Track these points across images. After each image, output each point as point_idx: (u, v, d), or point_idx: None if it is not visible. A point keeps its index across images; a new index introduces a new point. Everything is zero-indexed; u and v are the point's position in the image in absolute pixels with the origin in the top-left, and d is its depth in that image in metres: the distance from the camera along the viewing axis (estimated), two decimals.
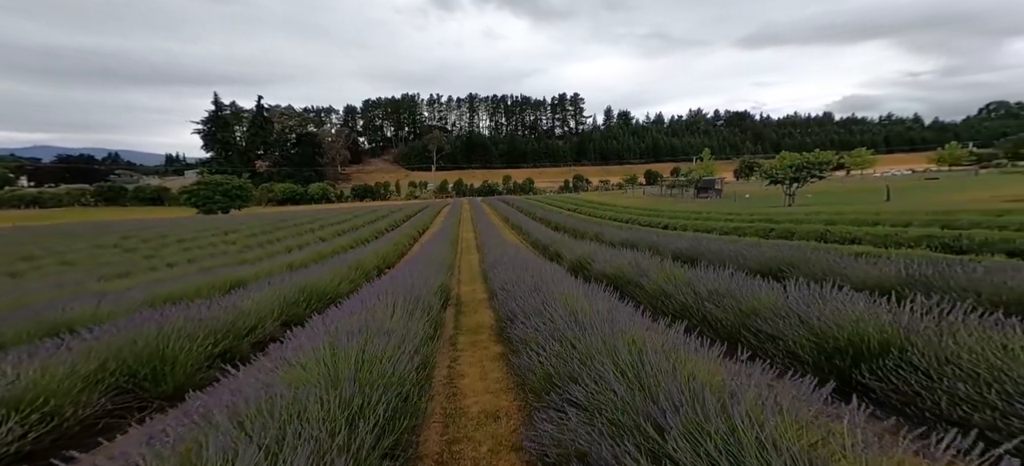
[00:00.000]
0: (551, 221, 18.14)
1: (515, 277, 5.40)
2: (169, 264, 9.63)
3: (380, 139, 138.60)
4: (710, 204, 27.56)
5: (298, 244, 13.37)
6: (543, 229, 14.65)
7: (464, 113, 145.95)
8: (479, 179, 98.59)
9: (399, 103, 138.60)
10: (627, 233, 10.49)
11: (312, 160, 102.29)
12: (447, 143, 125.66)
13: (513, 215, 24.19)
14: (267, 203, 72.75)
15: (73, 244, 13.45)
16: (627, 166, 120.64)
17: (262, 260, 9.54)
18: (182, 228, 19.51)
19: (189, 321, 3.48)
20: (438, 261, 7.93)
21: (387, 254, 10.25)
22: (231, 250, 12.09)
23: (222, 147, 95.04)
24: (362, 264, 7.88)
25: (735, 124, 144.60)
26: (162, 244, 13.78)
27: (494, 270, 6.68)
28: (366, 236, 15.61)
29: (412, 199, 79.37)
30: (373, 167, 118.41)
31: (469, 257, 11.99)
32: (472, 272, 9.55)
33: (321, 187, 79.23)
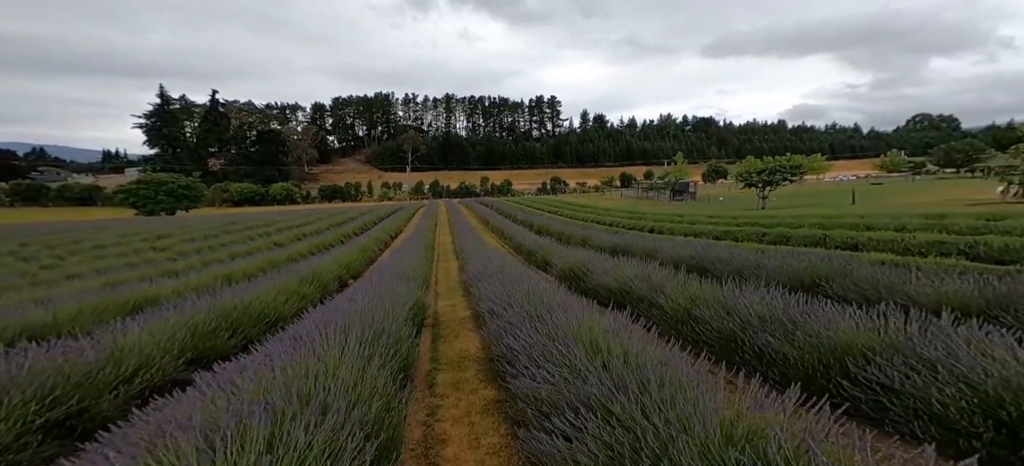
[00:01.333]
0: (533, 224, 17.33)
1: (504, 293, 4.44)
2: (70, 276, 7.72)
3: (351, 138, 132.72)
4: (687, 206, 28.03)
5: (247, 250, 11.58)
6: (526, 233, 13.78)
7: (441, 113, 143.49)
8: (456, 180, 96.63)
9: (372, 102, 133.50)
10: (617, 237, 9.83)
11: (275, 159, 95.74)
12: (423, 144, 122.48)
13: (493, 218, 23.17)
14: (222, 204, 66.78)
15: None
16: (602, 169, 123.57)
17: (194, 270, 7.89)
18: (105, 232, 16.71)
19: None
20: (411, 271, 6.78)
21: (352, 261, 8.91)
22: (158, 258, 10.14)
23: (169, 143, 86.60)
24: (319, 275, 6.58)
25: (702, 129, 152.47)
26: (73, 250, 11.45)
27: (478, 283, 5.68)
28: (330, 240, 13.97)
29: (385, 201, 76.10)
30: (343, 167, 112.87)
31: (447, 264, 10.85)
32: (451, 282, 8.46)
33: (284, 187, 74.04)
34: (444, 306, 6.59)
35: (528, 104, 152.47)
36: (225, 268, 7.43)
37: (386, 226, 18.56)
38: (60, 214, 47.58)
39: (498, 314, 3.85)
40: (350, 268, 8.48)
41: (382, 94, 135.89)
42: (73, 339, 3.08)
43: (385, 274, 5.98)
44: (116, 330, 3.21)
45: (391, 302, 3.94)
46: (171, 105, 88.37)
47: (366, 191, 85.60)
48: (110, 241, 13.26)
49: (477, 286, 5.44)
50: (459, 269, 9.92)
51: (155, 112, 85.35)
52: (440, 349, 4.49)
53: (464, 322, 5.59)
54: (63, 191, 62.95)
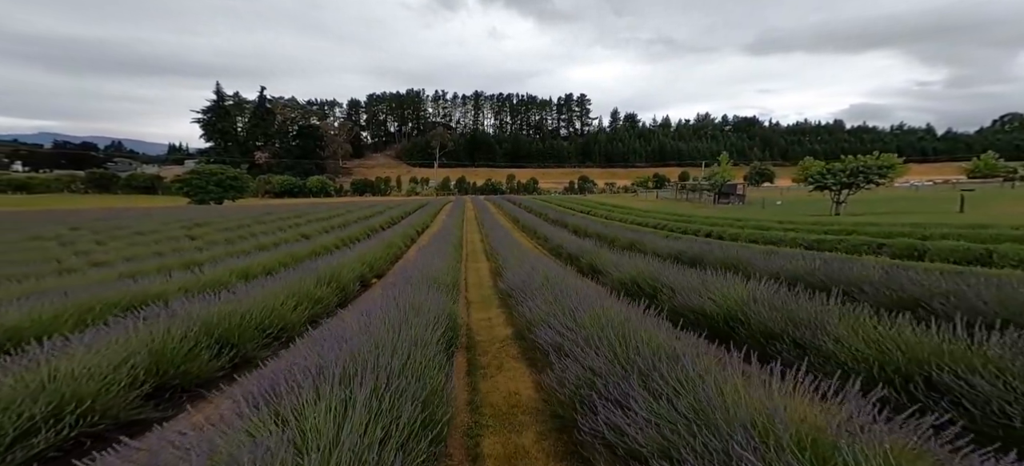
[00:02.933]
0: (568, 224, 15.98)
1: (564, 316, 3.27)
2: (97, 264, 7.49)
3: (383, 134, 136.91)
4: (738, 210, 25.28)
5: (274, 242, 11.23)
6: (562, 233, 12.48)
7: (469, 110, 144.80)
8: (482, 177, 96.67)
9: (403, 99, 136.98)
10: (677, 243, 8.31)
11: (313, 153, 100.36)
12: (451, 140, 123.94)
13: (522, 216, 22.02)
14: (264, 195, 70.75)
15: (4, 234, 11.33)
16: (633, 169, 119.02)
17: (216, 262, 7.41)
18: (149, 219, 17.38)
19: None
20: (439, 273, 5.78)
21: (376, 259, 8.10)
22: (187, 248, 9.94)
23: (222, 137, 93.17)
24: (338, 274, 5.74)
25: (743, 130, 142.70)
26: (113, 236, 11.65)
27: (526, 301, 4.54)
28: (356, 234, 13.46)
29: (413, 195, 77.40)
30: (375, 162, 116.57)
31: (477, 265, 9.84)
32: (484, 289, 7.40)
33: (320, 180, 77.22)
34: (479, 320, 5.52)
35: (557, 102, 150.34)
36: (244, 262, 6.84)
37: (413, 221, 17.98)
38: (125, 201, 52.35)
39: (567, 352, 2.68)
40: (373, 267, 7.67)
41: (413, 91, 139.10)
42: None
43: (411, 278, 4.98)
44: (63, 347, 2.37)
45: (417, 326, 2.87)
46: (225, 101, 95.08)
47: (395, 186, 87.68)
48: (150, 228, 13.54)
49: (525, 304, 4.30)
50: (491, 272, 8.86)
51: (211, 108, 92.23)
52: (480, 388, 3.39)
53: (506, 346, 4.47)
54: (130, 180, 69.41)
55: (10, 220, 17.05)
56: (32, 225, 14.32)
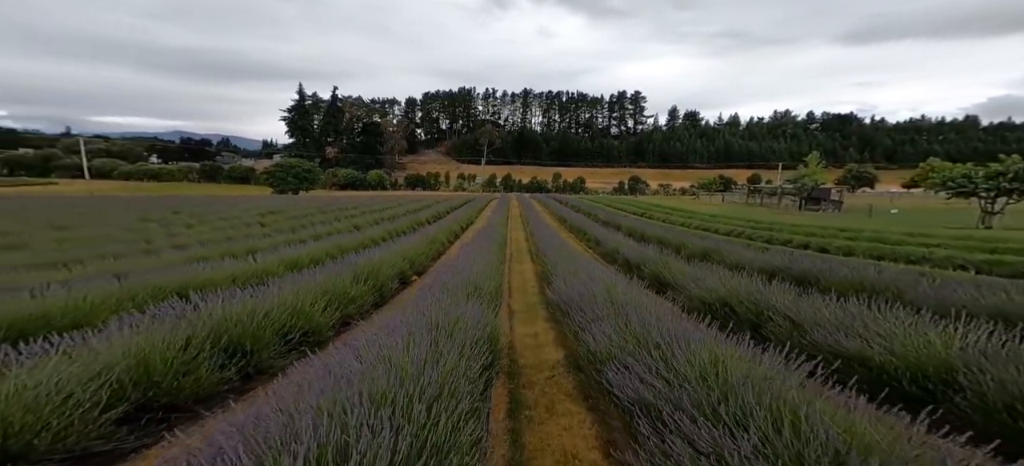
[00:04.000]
0: (622, 226, 14.49)
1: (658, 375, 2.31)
2: (177, 246, 8.20)
3: (436, 131, 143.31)
4: (833, 218, 21.08)
5: (328, 232, 11.67)
6: (617, 236, 11.16)
7: (517, 108, 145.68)
8: (528, 175, 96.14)
9: (455, 97, 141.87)
10: (770, 256, 6.61)
11: (373, 148, 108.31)
12: (498, 137, 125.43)
13: (570, 215, 20.81)
14: (330, 187, 78.12)
15: (121, 215, 13.34)
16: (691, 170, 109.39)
17: (275, 249, 7.67)
18: (235, 207, 19.61)
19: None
20: (480, 278, 5.10)
21: (417, 255, 7.76)
22: (255, 233, 10.70)
23: (301, 133, 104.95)
24: (377, 271, 5.37)
25: (835, 128, 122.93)
26: (201, 219, 13.11)
27: (577, 314, 3.63)
28: (403, 227, 13.57)
29: (460, 191, 79.60)
30: (427, 158, 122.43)
31: (521, 267, 9.08)
32: (528, 296, 6.60)
33: (378, 174, 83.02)
34: (523, 337, 4.73)
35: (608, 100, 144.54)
36: (295, 252, 6.90)
37: (458, 217, 17.88)
38: (225, 189, 61.43)
39: (666, 420, 1.75)
40: (414, 263, 7.32)
41: (464, 89, 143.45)
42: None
43: (449, 284, 4.34)
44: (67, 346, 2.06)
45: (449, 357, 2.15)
46: (305, 101, 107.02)
47: (444, 181, 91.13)
48: (233, 214, 15.11)
49: (586, 329, 3.39)
50: (537, 276, 8.03)
51: (294, 107, 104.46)
52: (525, 442, 2.58)
53: (557, 376, 3.62)
54: (231, 171, 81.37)
55: (135, 203, 20.50)
56: (148, 208, 16.95)
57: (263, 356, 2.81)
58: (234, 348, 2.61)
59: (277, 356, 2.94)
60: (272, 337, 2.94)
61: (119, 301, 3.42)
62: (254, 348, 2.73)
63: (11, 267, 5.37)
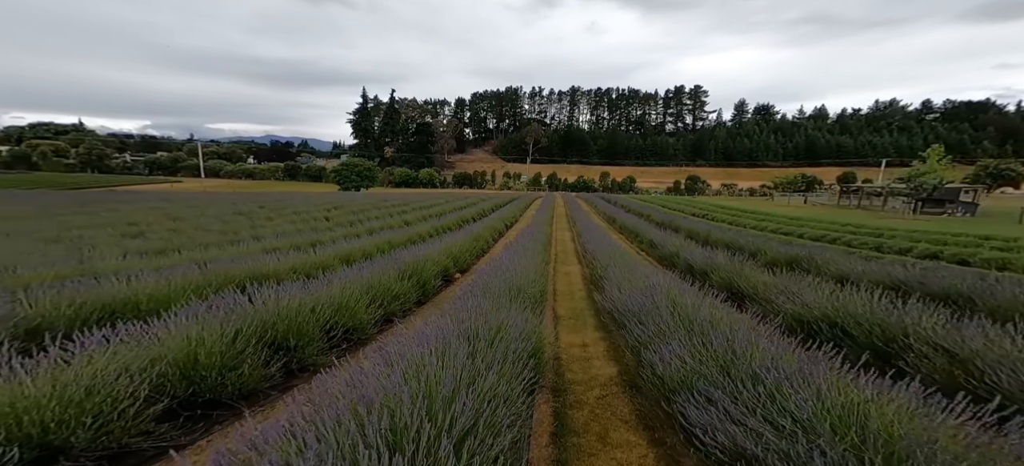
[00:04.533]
0: (680, 228, 13.10)
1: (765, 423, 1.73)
2: (256, 236, 9.17)
3: (483, 130, 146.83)
4: (966, 224, 16.72)
5: (381, 226, 12.29)
6: (675, 239, 10.03)
7: (564, 106, 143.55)
8: (574, 174, 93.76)
9: (502, 96, 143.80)
10: (891, 268, 5.22)
11: (425, 147, 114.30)
12: (544, 136, 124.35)
13: (619, 215, 19.54)
14: (387, 184, 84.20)
15: (219, 209, 15.55)
16: (762, 168, 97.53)
17: (333, 243, 8.20)
18: (307, 201, 21.84)
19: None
20: (524, 281, 4.76)
21: (462, 253, 7.69)
22: (321, 227, 11.66)
23: (364, 134, 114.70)
24: (421, 269, 5.33)
25: (962, 118, 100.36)
26: (279, 213, 14.73)
27: (637, 327, 3.09)
28: (449, 223, 13.81)
29: (505, 190, 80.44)
30: (474, 156, 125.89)
31: (566, 269, 8.56)
32: (574, 299, 6.11)
33: (429, 173, 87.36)
34: (570, 347, 4.29)
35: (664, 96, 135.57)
36: (348, 246, 7.25)
37: (503, 215, 17.80)
38: (301, 186, 69.51)
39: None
40: (458, 260, 7.24)
41: (511, 89, 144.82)
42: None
43: (492, 288, 4.07)
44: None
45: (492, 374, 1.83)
46: (368, 104, 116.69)
47: (490, 179, 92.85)
48: (304, 209, 16.81)
49: (653, 348, 2.87)
50: (585, 279, 7.47)
51: (358, 110, 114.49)
52: None
53: (610, 395, 3.15)
54: (307, 171, 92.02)
55: (232, 199, 23.96)
56: (241, 202, 19.65)
57: (306, 353, 2.79)
58: (279, 343, 2.61)
59: (320, 353, 2.91)
60: (316, 333, 2.92)
61: (198, 288, 3.75)
62: (298, 344, 2.72)
63: (128, 253, 6.36)
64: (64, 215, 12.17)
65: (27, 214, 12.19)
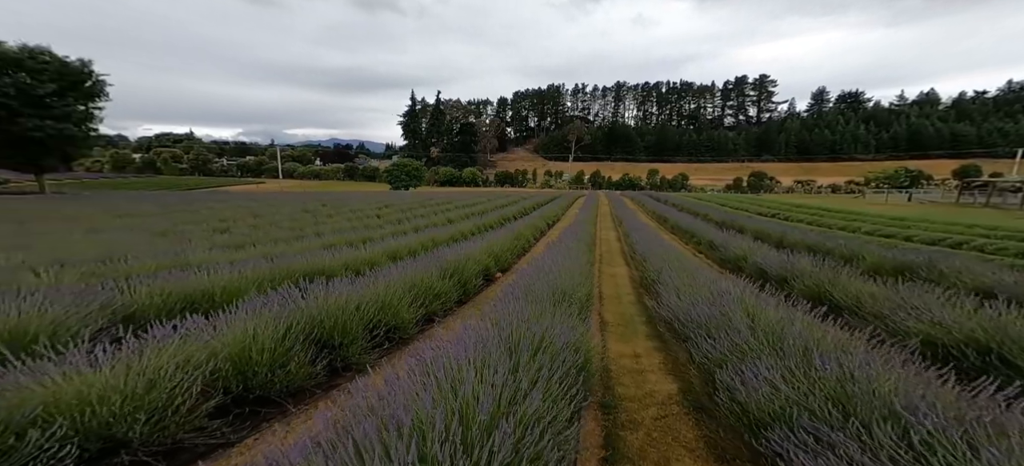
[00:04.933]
0: (745, 228, 11.60)
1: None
2: (318, 233, 9.96)
3: (524, 129, 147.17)
4: None
5: (425, 224, 12.71)
6: (743, 241, 8.84)
7: (608, 103, 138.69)
8: (619, 172, 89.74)
9: (544, 94, 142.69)
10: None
11: (469, 147, 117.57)
12: (587, 133, 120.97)
13: (671, 214, 18.05)
14: (433, 183, 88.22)
15: (290, 207, 17.38)
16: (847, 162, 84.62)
17: (382, 240, 8.62)
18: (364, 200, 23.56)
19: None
20: (568, 282, 4.43)
21: (503, 252, 7.56)
22: (373, 223, 12.38)
23: (413, 136, 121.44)
24: (462, 268, 5.27)
25: None
26: (338, 211, 16.03)
27: (723, 357, 2.62)
28: (491, 222, 13.85)
29: (547, 188, 79.71)
30: (515, 155, 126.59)
31: (613, 271, 7.99)
32: (623, 303, 5.62)
33: (472, 172, 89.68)
34: (620, 358, 3.89)
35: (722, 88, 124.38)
36: (395, 243, 7.50)
37: (545, 213, 17.44)
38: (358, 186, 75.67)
39: None
40: (499, 259, 7.11)
41: (553, 86, 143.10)
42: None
43: (534, 290, 3.83)
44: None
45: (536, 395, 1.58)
46: (416, 106, 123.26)
47: (531, 178, 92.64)
48: (359, 207, 18.13)
49: (731, 368, 2.41)
50: (633, 282, 6.90)
51: (407, 112, 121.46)
52: None
53: (670, 416, 2.75)
54: (363, 171, 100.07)
55: (301, 198, 26.78)
56: (307, 201, 21.86)
57: (350, 351, 2.80)
58: (325, 340, 2.64)
59: (363, 352, 2.92)
60: (360, 332, 2.93)
61: (263, 281, 4.07)
62: (343, 341, 2.74)
63: (215, 246, 7.23)
64: (174, 212, 14.45)
65: (149, 212, 14.68)
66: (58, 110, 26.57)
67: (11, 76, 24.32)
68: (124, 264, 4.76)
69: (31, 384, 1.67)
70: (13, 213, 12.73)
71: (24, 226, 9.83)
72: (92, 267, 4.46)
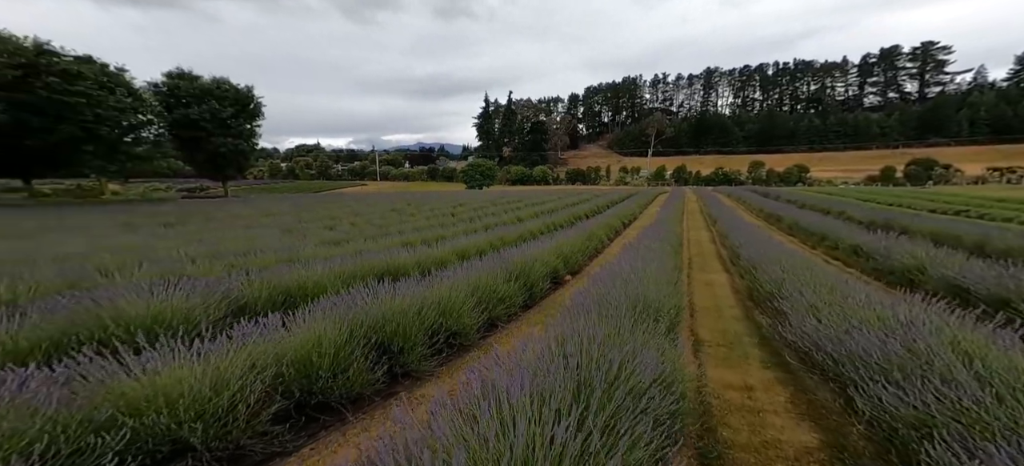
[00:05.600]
0: (916, 230, 8.50)
1: None
2: (401, 231, 10.87)
3: (597, 125, 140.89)
4: None
5: (496, 222, 12.83)
6: (916, 247, 6.38)
7: (695, 91, 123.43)
8: (710, 165, 78.68)
9: (618, 88, 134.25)
10: None
11: (540, 146, 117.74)
12: (670, 126, 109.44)
13: (788, 213, 14.63)
14: (505, 182, 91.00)
15: (382, 206, 19.68)
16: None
17: (454, 238, 8.93)
18: (439, 199, 25.43)
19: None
20: (652, 288, 3.65)
21: (573, 252, 7.00)
22: (448, 222, 13.06)
23: (486, 136, 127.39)
24: (529, 269, 4.93)
25: None
26: (419, 209, 17.51)
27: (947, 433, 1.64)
28: (560, 220, 13.27)
29: (622, 185, 74.65)
30: (587, 152, 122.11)
31: (708, 278, 6.63)
32: (724, 318, 4.54)
33: (542, 170, 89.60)
34: (724, 386, 3.04)
35: (860, 62, 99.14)
36: (464, 242, 7.58)
37: (619, 211, 16.02)
38: (438, 186, 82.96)
39: None
40: (569, 261, 6.56)
41: (628, 79, 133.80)
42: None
43: (608, 297, 3.24)
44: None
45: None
46: (489, 108, 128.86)
47: (604, 175, 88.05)
48: (437, 206, 19.54)
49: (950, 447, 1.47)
50: (736, 292, 5.59)
51: (481, 114, 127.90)
52: None
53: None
54: (443, 172, 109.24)
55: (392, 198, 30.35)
56: (397, 201, 24.60)
57: (410, 357, 2.69)
58: (385, 345, 2.58)
59: (422, 359, 2.79)
60: (421, 337, 2.82)
61: (347, 277, 4.41)
62: (404, 347, 2.64)
63: (322, 242, 8.39)
64: (301, 211, 17.70)
65: (285, 211, 18.25)
66: (235, 129, 35.38)
67: (206, 104, 33.24)
68: (255, 257, 5.75)
69: (115, 381, 1.78)
70: (205, 212, 17.24)
71: (209, 223, 13.11)
72: (232, 260, 5.48)
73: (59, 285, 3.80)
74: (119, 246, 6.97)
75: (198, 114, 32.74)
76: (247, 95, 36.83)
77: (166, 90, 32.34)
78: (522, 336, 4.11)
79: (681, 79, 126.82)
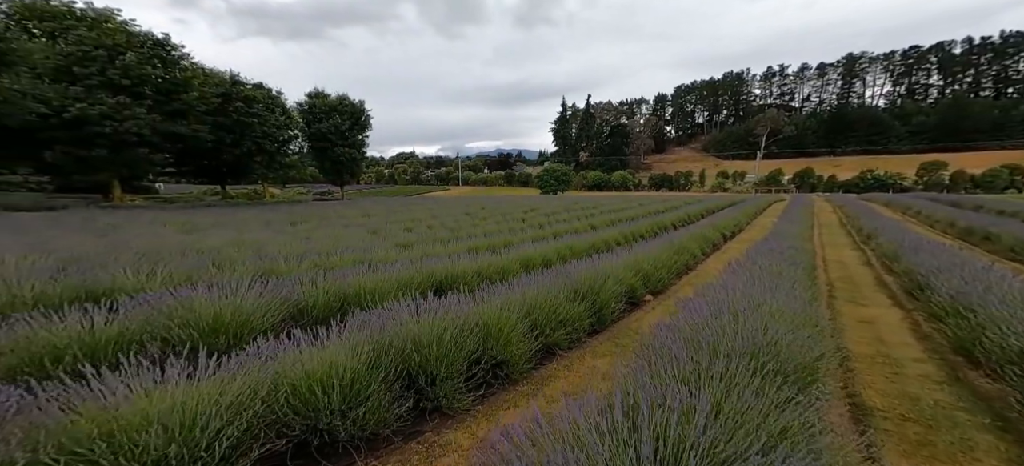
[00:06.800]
0: None
1: None
2: (469, 235, 11.04)
3: (689, 126, 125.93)
4: None
5: (567, 229, 12.03)
6: None
7: (829, 82, 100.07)
8: (850, 168, 62.30)
9: (717, 85, 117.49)
10: None
11: (620, 149, 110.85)
12: (789, 123, 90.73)
13: (1007, 227, 10.01)
14: (581, 188, 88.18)
15: (458, 209, 20.72)
16: None
17: (524, 244, 8.55)
18: (512, 203, 25.65)
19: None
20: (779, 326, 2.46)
21: (655, 267, 5.80)
22: (516, 227, 12.84)
23: (563, 141, 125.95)
24: (599, 287, 4.12)
25: None
26: (490, 214, 17.84)
27: None
28: (642, 230, 11.71)
29: (719, 191, 64.59)
30: (676, 156, 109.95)
31: (865, 313, 4.67)
32: (903, 374, 2.92)
33: (622, 175, 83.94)
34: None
35: None
36: (530, 250, 7.07)
37: (717, 222, 13.35)
38: (513, 190, 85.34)
39: None
40: (649, 279, 5.43)
41: (730, 74, 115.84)
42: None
43: (702, 334, 2.27)
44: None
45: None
46: (566, 113, 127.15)
47: (696, 180, 77.73)
48: (509, 210, 19.65)
49: None
50: (920, 337, 3.75)
51: (558, 119, 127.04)
52: None
53: None
54: (518, 177, 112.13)
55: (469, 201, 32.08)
56: (471, 204, 25.82)
57: (442, 390, 2.25)
58: (414, 373, 2.18)
59: (458, 393, 2.34)
60: (458, 366, 2.36)
61: (404, 285, 4.31)
62: (437, 377, 2.21)
63: (394, 245, 8.92)
64: (390, 213, 19.88)
65: (378, 213, 20.76)
66: (351, 140, 42.48)
67: (332, 118, 40.65)
68: (337, 256, 6.26)
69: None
70: (321, 213, 20.69)
71: (321, 223, 15.56)
72: (317, 259, 6.00)
73: (178, 277, 4.48)
74: (247, 241, 8.37)
75: (327, 127, 40.37)
76: (360, 109, 43.92)
77: (307, 108, 40.74)
78: (584, 372, 3.35)
79: (806, 69, 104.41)
